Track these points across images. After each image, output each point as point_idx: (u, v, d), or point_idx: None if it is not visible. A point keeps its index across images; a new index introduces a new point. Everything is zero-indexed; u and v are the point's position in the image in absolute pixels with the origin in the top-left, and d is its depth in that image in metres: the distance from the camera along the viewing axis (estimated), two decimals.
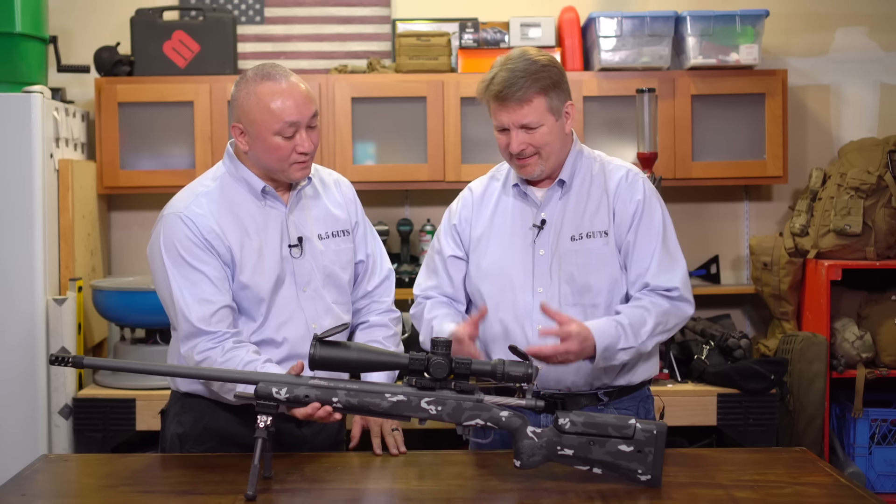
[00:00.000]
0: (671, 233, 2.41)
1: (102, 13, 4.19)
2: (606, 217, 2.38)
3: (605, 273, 2.36)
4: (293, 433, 2.36)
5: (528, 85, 2.29)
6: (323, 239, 2.40)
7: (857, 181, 3.80)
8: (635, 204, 2.38)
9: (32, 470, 2.20)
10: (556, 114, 2.34)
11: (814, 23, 4.25)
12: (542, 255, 2.38)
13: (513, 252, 2.40)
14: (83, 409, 3.55)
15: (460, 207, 2.51)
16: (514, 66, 2.32)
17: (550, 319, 2.26)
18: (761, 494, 1.98)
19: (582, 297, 2.36)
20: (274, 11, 4.21)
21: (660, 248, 2.37)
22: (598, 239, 2.37)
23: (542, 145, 2.33)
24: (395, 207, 4.21)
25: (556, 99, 2.33)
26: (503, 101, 2.31)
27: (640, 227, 2.37)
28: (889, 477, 3.78)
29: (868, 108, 4.25)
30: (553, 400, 2.37)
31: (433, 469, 2.20)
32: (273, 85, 2.26)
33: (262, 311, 2.32)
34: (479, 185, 2.53)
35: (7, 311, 3.47)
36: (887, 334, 3.77)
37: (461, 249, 2.48)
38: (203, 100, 3.85)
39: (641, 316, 2.31)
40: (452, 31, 4.07)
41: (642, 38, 3.90)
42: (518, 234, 2.41)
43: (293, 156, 2.28)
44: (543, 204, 2.41)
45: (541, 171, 2.37)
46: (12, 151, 3.47)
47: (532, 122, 2.31)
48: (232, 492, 2.00)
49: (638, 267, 2.37)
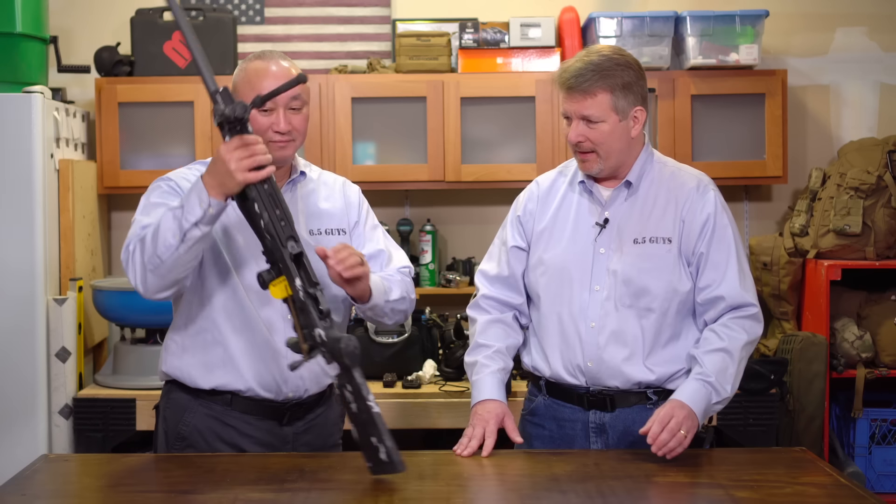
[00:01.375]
0: (742, 247, 2.42)
1: (102, 13, 4.19)
2: (672, 224, 2.38)
3: (663, 279, 2.35)
4: (274, 432, 2.36)
5: (596, 79, 2.31)
6: (314, 235, 2.40)
7: (857, 181, 3.80)
8: (706, 215, 2.38)
9: (32, 470, 2.20)
10: (620, 114, 2.34)
11: (814, 23, 4.25)
12: (603, 253, 2.38)
13: (574, 248, 2.40)
14: (83, 409, 3.54)
15: (526, 200, 2.53)
16: (590, 59, 2.34)
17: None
18: (761, 494, 1.98)
19: (638, 300, 2.35)
20: (274, 11, 4.21)
21: (734, 261, 2.37)
22: (660, 245, 2.36)
23: (599, 142, 2.34)
24: (395, 207, 4.21)
25: (622, 99, 2.33)
26: (570, 91, 2.34)
27: (712, 239, 2.37)
28: (889, 477, 3.78)
29: (868, 108, 4.25)
30: (602, 397, 2.38)
31: (433, 469, 2.20)
32: (261, 63, 2.33)
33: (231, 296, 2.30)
34: (547, 179, 2.54)
35: (7, 310, 3.47)
36: (887, 334, 3.77)
37: (524, 241, 2.50)
38: (203, 100, 3.85)
39: (723, 362, 2.30)
40: (452, 32, 4.07)
41: (642, 38, 3.90)
42: (581, 230, 2.41)
43: (269, 133, 2.30)
44: (608, 203, 2.41)
45: (599, 168, 2.38)
46: (13, 151, 3.47)
47: (593, 115, 2.33)
48: (232, 492, 2.01)
49: (709, 278, 2.36)
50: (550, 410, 2.45)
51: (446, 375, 3.67)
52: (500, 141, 3.93)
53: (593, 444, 2.41)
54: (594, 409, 2.39)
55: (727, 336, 2.32)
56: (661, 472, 2.12)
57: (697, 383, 2.28)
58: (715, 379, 2.27)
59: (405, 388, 3.59)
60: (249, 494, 1.99)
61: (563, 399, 2.43)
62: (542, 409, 2.48)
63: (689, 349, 2.37)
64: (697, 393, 2.26)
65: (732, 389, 2.31)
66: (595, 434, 2.40)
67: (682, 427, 2.19)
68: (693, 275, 2.38)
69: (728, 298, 2.35)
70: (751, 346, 2.37)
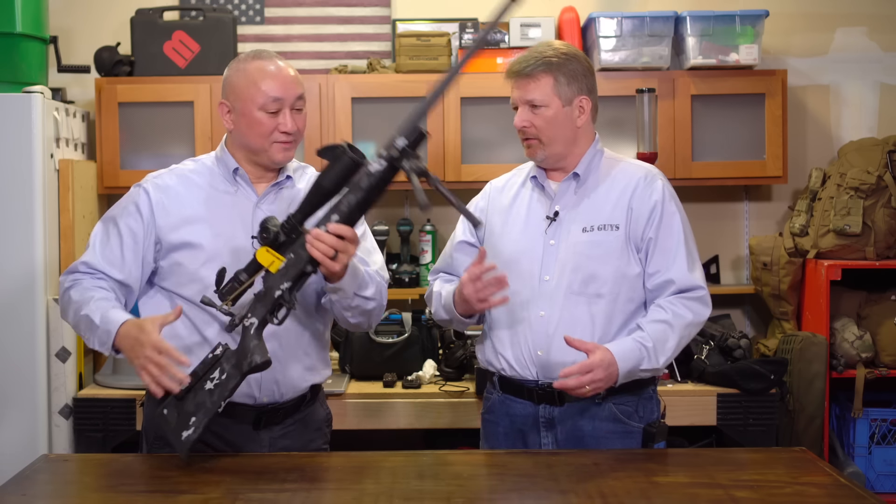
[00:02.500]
0: (690, 233, 2.47)
1: (102, 13, 4.19)
2: (620, 212, 2.43)
3: (611, 265, 2.40)
4: (248, 435, 2.36)
5: (539, 64, 2.40)
6: None
7: (857, 181, 3.80)
8: (654, 202, 2.43)
9: (32, 470, 2.20)
10: (563, 100, 2.41)
11: (814, 23, 4.25)
12: (553, 244, 2.43)
13: (525, 241, 2.46)
14: (83, 409, 3.54)
15: (478, 198, 2.63)
16: (538, 49, 2.44)
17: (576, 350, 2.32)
18: (761, 494, 1.98)
19: (587, 287, 2.40)
20: (274, 11, 4.21)
21: (682, 247, 2.43)
22: (608, 231, 2.42)
23: (543, 128, 2.41)
24: (395, 207, 4.21)
25: (565, 86, 2.40)
26: (516, 77, 2.43)
27: (661, 225, 2.42)
28: (889, 477, 3.78)
29: (868, 109, 4.25)
30: (551, 391, 2.40)
31: (433, 469, 2.20)
32: (262, 63, 2.34)
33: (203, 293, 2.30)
34: (502, 179, 2.63)
35: (7, 311, 3.48)
36: (887, 334, 3.77)
37: (474, 237, 2.57)
38: (203, 100, 3.85)
39: (664, 333, 2.35)
40: (452, 32, 4.07)
41: (642, 38, 3.90)
42: (532, 224, 2.48)
43: (275, 134, 2.32)
44: (558, 196, 2.47)
45: (543, 155, 2.45)
46: (12, 151, 3.47)
47: (536, 99, 2.40)
48: (232, 492, 2.01)
49: (658, 263, 2.41)
50: (504, 406, 2.50)
51: (446, 375, 3.67)
52: (500, 141, 3.93)
53: (543, 438, 2.44)
54: (543, 402, 2.43)
55: (672, 311, 2.38)
56: (662, 472, 2.12)
57: (634, 343, 2.33)
58: (653, 346, 2.33)
59: (405, 388, 3.58)
60: (249, 494, 1.99)
61: (515, 394, 2.48)
62: (496, 406, 2.52)
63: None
64: (631, 353, 2.31)
65: (665, 362, 2.36)
66: (545, 429, 2.44)
67: (592, 384, 2.25)
68: (642, 260, 2.43)
69: (677, 282, 2.40)
70: (694, 328, 2.41)
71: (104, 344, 2.21)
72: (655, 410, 2.48)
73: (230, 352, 2.14)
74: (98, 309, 2.23)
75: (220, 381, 2.11)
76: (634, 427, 2.42)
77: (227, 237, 2.34)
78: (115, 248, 2.34)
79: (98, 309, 2.23)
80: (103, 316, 2.21)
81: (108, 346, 2.20)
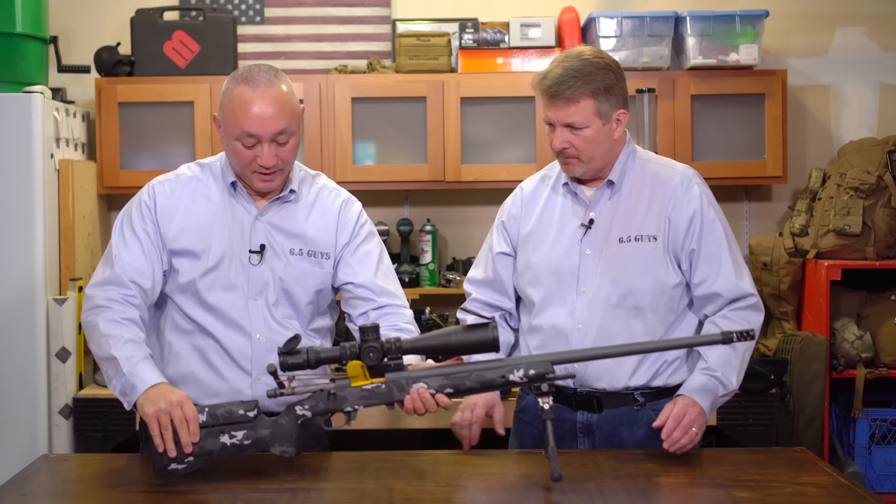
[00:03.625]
0: (732, 237, 2.41)
1: (102, 13, 4.19)
2: (657, 221, 2.37)
3: (650, 277, 2.35)
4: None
5: (579, 85, 2.29)
6: (294, 255, 2.34)
7: (857, 181, 3.80)
8: (692, 211, 2.36)
9: (32, 470, 2.20)
10: (604, 118, 2.33)
11: (814, 23, 4.25)
12: (589, 254, 2.37)
13: (560, 250, 2.40)
14: (83, 409, 3.55)
15: (510, 205, 2.53)
16: (569, 64, 2.31)
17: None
18: (761, 494, 1.98)
19: (625, 300, 2.35)
20: (274, 11, 4.21)
21: (727, 254, 2.36)
22: (646, 243, 2.36)
23: (583, 148, 2.33)
24: (395, 207, 4.21)
25: (605, 103, 2.32)
26: (552, 98, 2.32)
27: (702, 234, 2.36)
28: (889, 477, 3.78)
29: (868, 108, 4.25)
30: (590, 398, 2.38)
31: (433, 469, 2.20)
32: (247, 90, 2.21)
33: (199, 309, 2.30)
34: (530, 183, 2.54)
35: (7, 311, 3.48)
36: (887, 334, 3.77)
37: (509, 246, 2.50)
38: (203, 100, 3.85)
39: (726, 355, 2.29)
40: (452, 32, 4.07)
41: (642, 38, 3.90)
42: (566, 232, 2.41)
43: (254, 165, 2.25)
44: (593, 204, 2.40)
45: (583, 171, 2.38)
46: (12, 151, 3.47)
47: (577, 122, 2.31)
48: (232, 491, 2.01)
49: (704, 273, 2.35)
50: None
51: None
52: (500, 141, 3.93)
53: (580, 444, 2.41)
54: (581, 409, 2.40)
55: (728, 328, 2.30)
56: (662, 472, 2.12)
57: (703, 377, 2.28)
58: (721, 373, 2.28)
59: None
60: (249, 494, 1.99)
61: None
62: (531, 408, 2.49)
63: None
64: (705, 388, 2.26)
65: (738, 381, 2.31)
66: (582, 434, 2.41)
67: (693, 425, 2.20)
68: (686, 272, 2.37)
69: (726, 293, 2.35)
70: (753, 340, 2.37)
71: (125, 396, 2.14)
72: None
73: (264, 421, 2.05)
74: (127, 357, 2.15)
75: (238, 443, 2.04)
76: None
77: (225, 249, 2.31)
78: (136, 254, 2.30)
79: (127, 357, 2.15)
80: (132, 369, 2.14)
81: (129, 400, 2.13)
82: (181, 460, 2.03)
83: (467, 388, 2.06)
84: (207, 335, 2.32)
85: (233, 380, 2.31)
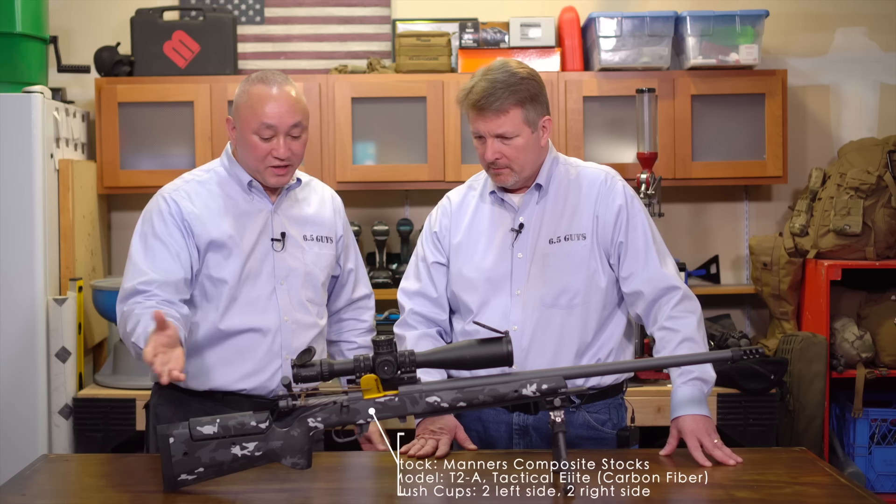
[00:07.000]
0: (656, 232, 2.46)
1: (102, 13, 4.19)
2: (585, 220, 2.42)
3: (581, 275, 2.39)
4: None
5: (506, 96, 2.33)
6: (308, 240, 2.52)
7: (857, 181, 3.80)
8: (617, 206, 2.42)
9: (32, 470, 2.20)
10: (531, 126, 2.37)
11: (814, 23, 4.25)
12: (521, 258, 2.41)
13: (492, 257, 2.43)
14: (83, 409, 3.55)
15: (440, 216, 2.55)
16: (493, 76, 2.35)
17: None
18: (761, 494, 1.98)
19: (558, 299, 2.38)
20: (274, 11, 4.21)
21: (652, 246, 2.42)
22: (576, 242, 2.40)
23: (514, 157, 2.37)
24: (395, 207, 4.21)
25: (532, 111, 2.36)
26: (481, 111, 2.35)
27: (628, 227, 2.41)
28: (889, 477, 3.78)
29: (868, 108, 4.25)
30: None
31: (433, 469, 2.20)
32: (264, 88, 2.40)
33: (230, 297, 2.41)
34: (457, 194, 2.58)
35: (7, 311, 3.48)
36: (887, 334, 3.77)
37: (443, 256, 2.51)
38: (203, 100, 3.85)
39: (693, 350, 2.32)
40: (452, 32, 4.07)
41: (642, 38, 3.90)
42: (496, 239, 2.44)
43: (269, 158, 2.40)
44: (521, 208, 2.44)
45: (514, 181, 2.41)
46: (12, 151, 3.47)
47: (507, 132, 2.35)
48: (232, 491, 2.00)
49: (631, 266, 2.40)
50: (476, 412, 2.45)
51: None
52: None
53: (516, 445, 2.43)
54: (518, 411, 2.42)
55: (679, 325, 2.34)
56: (661, 472, 2.12)
57: (687, 387, 2.30)
58: (697, 372, 2.30)
59: None
60: (250, 494, 1.99)
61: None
62: (469, 412, 2.46)
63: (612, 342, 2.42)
64: (694, 395, 2.29)
65: (712, 369, 2.34)
66: (518, 436, 2.43)
67: (713, 437, 2.23)
68: (615, 266, 2.42)
69: (652, 288, 2.38)
70: (702, 323, 2.39)
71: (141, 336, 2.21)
72: (625, 416, 2.48)
73: (276, 432, 2.04)
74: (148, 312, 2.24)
75: (249, 455, 2.03)
76: (608, 434, 2.42)
77: (252, 241, 2.44)
78: (163, 258, 2.38)
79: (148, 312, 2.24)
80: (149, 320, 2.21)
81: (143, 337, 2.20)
82: (189, 470, 2.03)
83: (480, 402, 2.07)
84: (239, 322, 2.42)
85: (264, 361, 2.43)
